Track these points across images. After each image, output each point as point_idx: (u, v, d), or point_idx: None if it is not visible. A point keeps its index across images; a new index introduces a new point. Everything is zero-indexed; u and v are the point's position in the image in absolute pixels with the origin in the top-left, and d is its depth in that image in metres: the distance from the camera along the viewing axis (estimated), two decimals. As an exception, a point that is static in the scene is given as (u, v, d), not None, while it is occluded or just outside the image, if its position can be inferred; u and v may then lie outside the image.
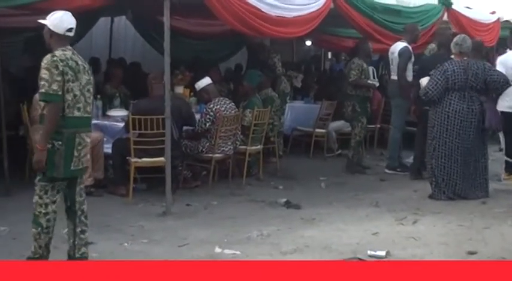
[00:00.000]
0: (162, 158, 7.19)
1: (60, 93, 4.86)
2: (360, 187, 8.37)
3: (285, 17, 7.91)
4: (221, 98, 8.08)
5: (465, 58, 7.53)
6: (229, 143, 8.02)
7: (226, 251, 5.65)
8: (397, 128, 9.25)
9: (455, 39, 7.68)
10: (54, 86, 4.84)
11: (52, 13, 5.02)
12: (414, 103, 8.76)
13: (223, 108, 7.92)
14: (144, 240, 6.00)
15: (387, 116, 10.89)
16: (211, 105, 7.92)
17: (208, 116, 7.87)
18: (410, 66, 8.92)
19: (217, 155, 7.89)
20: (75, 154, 5.00)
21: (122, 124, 7.60)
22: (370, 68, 9.56)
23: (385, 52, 9.60)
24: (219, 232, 6.26)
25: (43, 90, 4.86)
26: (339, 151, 10.48)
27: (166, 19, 6.81)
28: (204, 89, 8.15)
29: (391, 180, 8.86)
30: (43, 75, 4.85)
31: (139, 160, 7.30)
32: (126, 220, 6.55)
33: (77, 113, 4.98)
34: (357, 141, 9.39)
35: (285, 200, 7.43)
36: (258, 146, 8.55)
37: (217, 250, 5.68)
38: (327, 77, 13.02)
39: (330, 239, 6.03)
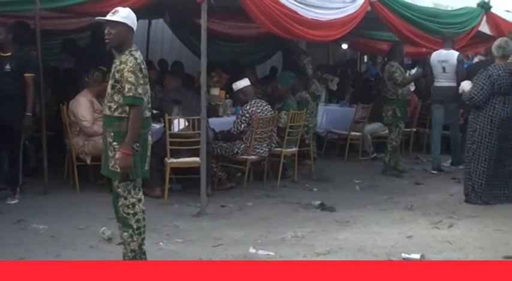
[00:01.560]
0: (197, 159, 7.26)
1: (143, 97, 4.82)
2: (395, 190, 8.34)
3: (320, 20, 7.91)
4: (257, 100, 8.11)
5: (508, 61, 7.43)
6: (265, 145, 8.05)
7: (261, 252, 5.68)
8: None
9: (497, 43, 7.59)
10: (140, 90, 4.78)
11: (118, 11, 4.93)
12: (463, 107, 8.77)
13: (259, 110, 7.95)
14: (179, 240, 6.06)
15: (423, 119, 10.84)
16: (247, 107, 7.95)
17: (244, 117, 7.91)
18: None
19: (252, 157, 7.92)
20: (148, 154, 5.01)
21: (158, 125, 7.68)
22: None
23: (419, 56, 9.60)
24: (253, 233, 6.29)
25: (130, 94, 4.77)
26: (374, 154, 10.44)
27: (203, 22, 6.88)
28: (241, 90, 8.18)
29: (427, 184, 8.81)
30: (129, 79, 4.76)
31: (174, 161, 7.37)
32: (162, 220, 6.61)
33: (147, 114, 4.98)
34: (394, 146, 9.36)
35: (319, 202, 7.44)
36: (293, 148, 8.57)
37: (252, 250, 5.71)
38: (362, 80, 12.97)
39: (364, 241, 6.03)
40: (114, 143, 4.91)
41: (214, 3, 6.92)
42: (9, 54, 7.02)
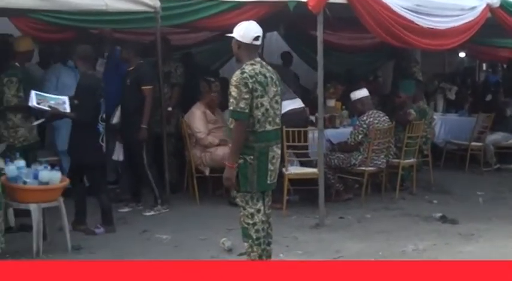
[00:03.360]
0: (314, 170, 7.26)
1: (247, 111, 4.84)
2: (522, 203, 8.00)
3: (437, 28, 7.71)
4: (374, 111, 8.01)
5: None
6: (382, 156, 7.93)
7: (382, 265, 5.58)
8: None
9: None
10: (242, 104, 4.82)
11: (238, 25, 5.03)
12: None
13: (376, 121, 7.85)
14: (299, 251, 6.06)
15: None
16: (365, 118, 7.87)
17: (361, 128, 7.83)
18: None
19: (370, 168, 7.82)
20: (270, 167, 5.00)
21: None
22: None
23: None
24: (373, 245, 6.20)
25: (231, 107, 4.87)
26: (497, 165, 10.06)
27: (319, 33, 6.89)
28: (359, 99, 8.10)
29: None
30: (232, 93, 4.85)
31: (292, 172, 7.39)
32: (281, 231, 6.61)
33: (268, 127, 4.96)
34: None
35: (440, 214, 7.24)
36: (412, 160, 8.40)
37: (372, 263, 5.63)
38: (482, 89, 12.54)
39: (491, 255, 5.80)
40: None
41: (330, 15, 6.92)
42: (131, 68, 7.30)
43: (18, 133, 6.90)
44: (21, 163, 5.92)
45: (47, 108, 6.46)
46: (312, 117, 8.21)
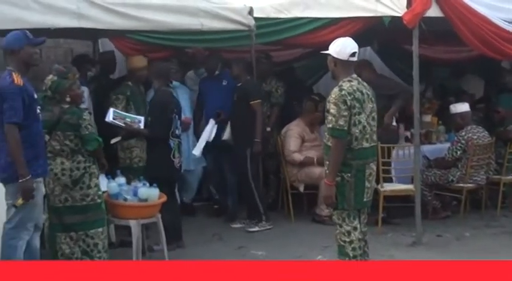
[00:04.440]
0: (411, 187, 7.13)
1: (345, 128, 4.83)
2: None
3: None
4: (473, 126, 7.78)
5: None
6: (482, 173, 7.70)
7: (483, 285, 5.40)
8: None
9: None
10: (341, 122, 4.82)
11: (334, 42, 5.05)
12: None
13: (475, 137, 7.63)
14: (396, 270, 5.94)
15: None
16: (463, 133, 7.67)
17: (459, 144, 7.63)
18: None
19: (468, 185, 7.60)
20: (367, 185, 4.98)
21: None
22: None
23: None
24: (473, 264, 6.01)
25: (330, 125, 4.87)
26: None
27: (415, 48, 6.78)
28: (460, 113, 7.89)
29: None
30: (331, 110, 4.85)
31: (388, 189, 7.28)
32: (376, 249, 6.49)
33: (365, 144, 4.94)
34: None
35: (544, 233, 6.97)
36: (513, 176, 8.11)
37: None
38: None
39: None
40: (327, 171, 5.00)
41: (425, 28, 6.81)
42: (239, 84, 7.43)
43: (133, 153, 6.95)
44: (122, 180, 6.09)
45: (122, 125, 6.55)
46: (407, 133, 8.08)
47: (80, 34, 7.56)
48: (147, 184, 6.04)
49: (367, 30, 7.38)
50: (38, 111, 5.10)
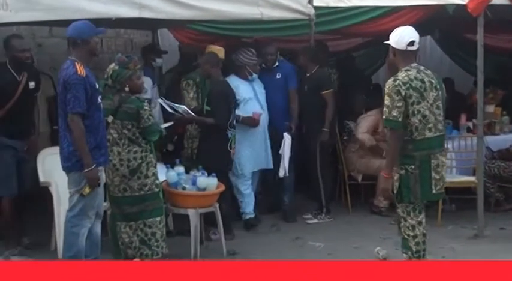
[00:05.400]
0: (472, 178, 7.00)
1: (400, 119, 4.76)
2: None
3: None
4: (541, 117, 7.59)
5: None
6: (550, 164, 7.49)
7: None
8: None
9: None
10: (394, 113, 4.76)
11: (393, 31, 4.98)
12: None
13: (543, 127, 7.43)
14: (457, 263, 5.83)
15: None
16: (528, 124, 7.48)
17: (525, 135, 7.45)
18: None
19: (534, 176, 7.42)
20: (435, 176, 4.88)
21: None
22: None
23: None
24: (538, 258, 5.85)
25: (384, 116, 4.84)
26: None
27: (479, 37, 6.64)
28: None
29: None
30: (385, 101, 4.82)
31: (448, 180, 7.12)
32: (436, 241, 6.40)
33: (428, 134, 4.86)
34: None
35: None
36: None
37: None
38: None
39: None
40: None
41: (491, 16, 6.64)
42: (308, 74, 7.36)
43: (194, 144, 6.89)
44: (181, 169, 6.12)
45: (180, 111, 6.43)
46: (469, 124, 7.92)
47: (140, 24, 7.63)
48: (206, 173, 6.06)
49: (429, 18, 7.23)
50: (99, 100, 5.16)
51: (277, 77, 7.47)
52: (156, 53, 8.08)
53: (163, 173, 5.99)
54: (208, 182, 6.03)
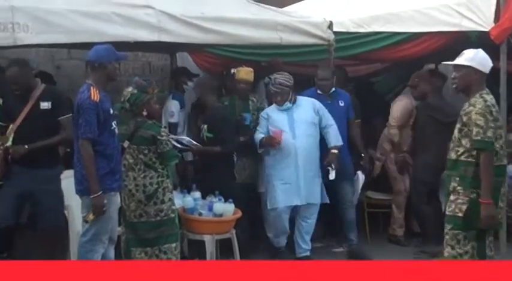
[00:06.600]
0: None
1: (493, 140, 4.58)
2: None
3: None
4: None
5: None
6: None
7: None
8: None
9: None
10: (489, 133, 4.57)
11: (464, 54, 4.81)
12: None
13: None
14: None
15: None
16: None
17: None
18: None
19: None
20: (500, 204, 4.72)
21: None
22: None
23: None
24: None
25: (478, 137, 4.59)
26: None
27: (502, 63, 6.57)
28: None
29: None
30: (477, 122, 4.59)
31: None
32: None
33: (504, 161, 4.74)
34: None
35: None
36: None
37: None
38: None
39: None
40: (459, 188, 4.70)
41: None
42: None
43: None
44: (197, 194, 6.05)
45: (184, 142, 6.27)
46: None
47: (159, 47, 7.61)
48: (223, 199, 5.97)
49: (450, 45, 7.15)
50: (114, 126, 5.09)
51: (341, 104, 6.92)
52: (187, 76, 8.01)
53: (179, 199, 5.91)
54: (225, 208, 5.95)
